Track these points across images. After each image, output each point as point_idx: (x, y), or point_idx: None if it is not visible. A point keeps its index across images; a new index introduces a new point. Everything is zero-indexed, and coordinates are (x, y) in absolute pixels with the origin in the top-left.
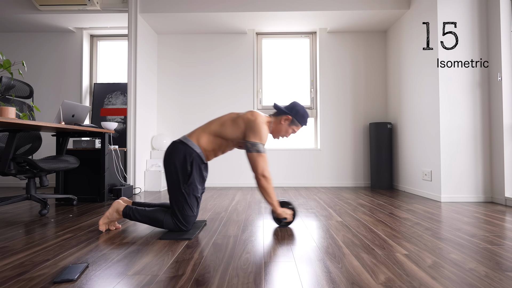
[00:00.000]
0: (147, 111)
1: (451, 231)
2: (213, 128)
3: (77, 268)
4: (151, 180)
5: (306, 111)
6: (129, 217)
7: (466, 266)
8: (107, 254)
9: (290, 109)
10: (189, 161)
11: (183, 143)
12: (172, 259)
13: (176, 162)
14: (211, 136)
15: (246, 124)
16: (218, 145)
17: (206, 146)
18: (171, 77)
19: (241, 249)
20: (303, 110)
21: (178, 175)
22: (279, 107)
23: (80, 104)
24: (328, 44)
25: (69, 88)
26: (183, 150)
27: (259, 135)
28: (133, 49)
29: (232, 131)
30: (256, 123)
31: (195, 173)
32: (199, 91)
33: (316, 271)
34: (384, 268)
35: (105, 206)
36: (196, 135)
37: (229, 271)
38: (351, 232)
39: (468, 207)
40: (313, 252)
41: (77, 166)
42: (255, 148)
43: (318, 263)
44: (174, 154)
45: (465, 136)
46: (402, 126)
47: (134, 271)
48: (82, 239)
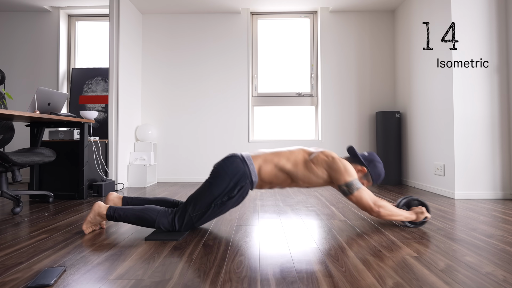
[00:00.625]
0: (130, 98)
1: (466, 231)
2: (282, 164)
3: (54, 272)
4: (135, 174)
5: (383, 170)
6: (114, 219)
7: (482, 270)
8: (87, 257)
9: (369, 161)
10: (239, 185)
11: (245, 163)
12: (158, 262)
13: (226, 178)
14: (277, 170)
15: (326, 168)
16: (281, 181)
17: (266, 177)
18: (157, 62)
19: (234, 251)
20: (381, 167)
21: (220, 189)
22: (356, 154)
23: (56, 91)
24: (330, 25)
25: (44, 73)
26: (241, 171)
27: (347, 172)
28: (115, 30)
29: (309, 177)
30: (335, 162)
31: (236, 199)
32: (188, 77)
33: (317, 276)
34: (392, 272)
35: (84, 204)
36: (260, 162)
37: (221, 275)
38: (355, 233)
39: (485, 205)
40: (313, 255)
41: (54, 159)
42: (353, 188)
43: (319, 267)
44: (230, 168)
45: (481, 126)
46: (412, 115)
47: (116, 275)
48: (59, 240)
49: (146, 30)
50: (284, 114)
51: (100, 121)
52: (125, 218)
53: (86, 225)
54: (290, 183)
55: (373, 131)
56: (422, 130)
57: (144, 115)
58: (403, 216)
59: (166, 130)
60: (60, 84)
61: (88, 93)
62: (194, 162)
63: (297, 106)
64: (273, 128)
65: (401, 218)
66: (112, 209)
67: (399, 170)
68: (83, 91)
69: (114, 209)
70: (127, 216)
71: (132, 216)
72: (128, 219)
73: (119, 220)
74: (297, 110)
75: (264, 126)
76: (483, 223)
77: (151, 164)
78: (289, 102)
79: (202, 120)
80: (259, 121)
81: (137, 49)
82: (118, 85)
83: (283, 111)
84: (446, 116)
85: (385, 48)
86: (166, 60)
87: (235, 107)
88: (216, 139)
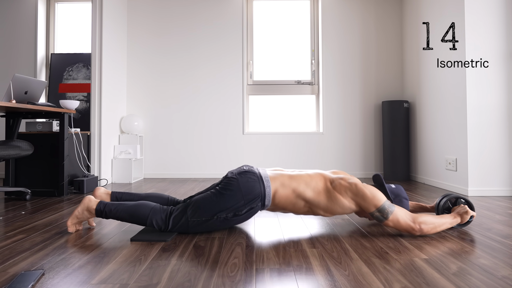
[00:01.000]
0: (115, 86)
1: (480, 231)
2: (301, 190)
3: (31, 276)
4: (119, 169)
5: (409, 208)
6: (104, 215)
7: (498, 273)
8: (67, 259)
9: (395, 195)
10: (249, 206)
11: (262, 183)
12: (145, 265)
13: (239, 194)
14: (294, 196)
15: (352, 197)
16: (298, 208)
17: (281, 203)
18: (144, 47)
19: (227, 252)
20: (408, 205)
21: (229, 204)
22: (384, 184)
23: (34, 78)
24: (332, 6)
25: (21, 59)
26: (256, 191)
27: (375, 197)
28: (98, 12)
29: (332, 208)
30: (358, 188)
31: (242, 218)
32: (178, 64)
33: (318, 280)
34: (399, 276)
35: (64, 202)
36: (277, 185)
37: (213, 279)
38: (360, 233)
39: (501, 202)
40: (314, 257)
41: (31, 153)
42: (387, 212)
43: (321, 270)
44: (246, 185)
45: (497, 116)
46: (421, 104)
47: (99, 279)
48: (36, 241)
49: (132, 12)
50: (282, 104)
51: (81, 111)
52: (116, 214)
53: (72, 220)
54: (307, 211)
55: (379, 122)
56: (433, 121)
57: (130, 105)
58: (448, 223)
59: (154, 122)
60: (38, 71)
61: (69, 80)
62: (184, 156)
63: (296, 95)
64: (270, 119)
65: (446, 226)
66: (103, 204)
67: (407, 165)
68: (63, 79)
69: (104, 204)
70: (119, 212)
71: (124, 212)
72: (119, 214)
73: (109, 216)
74: (296, 99)
75: (260, 116)
76: (498, 223)
77: (137, 158)
78: (287, 91)
79: (192, 111)
80: (255, 112)
81: (122, 33)
82: (101, 72)
83: (281, 100)
84: (458, 106)
85: (392, 32)
86: (154, 45)
87: (229, 96)
88: (208, 131)
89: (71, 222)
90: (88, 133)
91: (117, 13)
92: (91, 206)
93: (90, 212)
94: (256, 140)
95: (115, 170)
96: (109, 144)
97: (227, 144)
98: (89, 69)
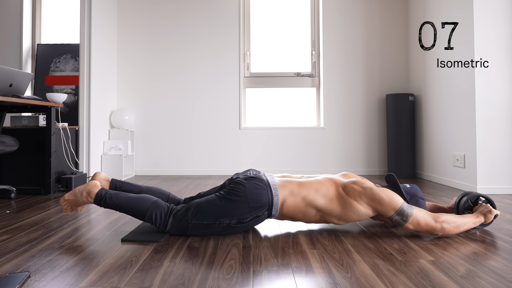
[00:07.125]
0: (105, 78)
1: (490, 232)
2: (312, 198)
3: (16, 278)
4: (109, 166)
5: (426, 207)
6: (103, 202)
7: (508, 276)
8: (54, 261)
9: (411, 195)
10: (255, 214)
11: (270, 191)
12: (136, 267)
13: (245, 201)
14: (304, 205)
15: (368, 202)
16: (309, 217)
17: (290, 212)
18: (136, 37)
19: (223, 254)
20: (425, 204)
21: (233, 210)
22: (398, 184)
23: (19, 70)
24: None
25: (5, 50)
26: (264, 200)
27: (392, 200)
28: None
29: (347, 215)
30: (374, 192)
31: (246, 225)
32: (171, 55)
33: (319, 282)
34: (404, 278)
35: (51, 200)
36: (286, 194)
37: (208, 282)
38: (363, 233)
39: (511, 201)
40: (314, 258)
41: (16, 149)
42: (406, 215)
43: (321, 272)
44: (253, 193)
45: (507, 110)
46: (427, 98)
47: (88, 282)
48: (22, 242)
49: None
50: (281, 97)
51: (69, 105)
52: (116, 202)
53: (69, 196)
54: (319, 220)
55: (383, 116)
56: (439, 115)
57: (120, 98)
58: (471, 223)
59: (146, 116)
60: (24, 62)
61: (56, 72)
62: (177, 152)
63: (296, 88)
64: (268, 113)
65: (469, 226)
66: (104, 190)
67: (413, 161)
68: (50, 71)
69: (106, 191)
70: (119, 200)
71: (124, 201)
72: (119, 202)
73: (108, 204)
74: (295, 92)
75: (257, 110)
76: (509, 222)
77: (128, 154)
78: (286, 83)
79: (186, 105)
80: (252, 105)
81: (112, 21)
82: (90, 64)
83: (280, 93)
84: (467, 99)
85: (397, 21)
86: (145, 35)
87: (224, 88)
88: (203, 125)
89: (68, 196)
90: (76, 128)
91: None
92: (93, 190)
93: (90, 196)
94: (254, 135)
95: (105, 167)
96: (98, 139)
97: (223, 139)
98: (77, 60)
